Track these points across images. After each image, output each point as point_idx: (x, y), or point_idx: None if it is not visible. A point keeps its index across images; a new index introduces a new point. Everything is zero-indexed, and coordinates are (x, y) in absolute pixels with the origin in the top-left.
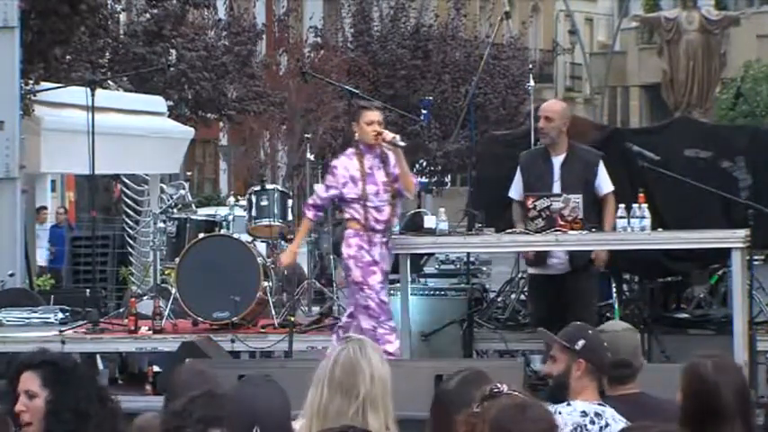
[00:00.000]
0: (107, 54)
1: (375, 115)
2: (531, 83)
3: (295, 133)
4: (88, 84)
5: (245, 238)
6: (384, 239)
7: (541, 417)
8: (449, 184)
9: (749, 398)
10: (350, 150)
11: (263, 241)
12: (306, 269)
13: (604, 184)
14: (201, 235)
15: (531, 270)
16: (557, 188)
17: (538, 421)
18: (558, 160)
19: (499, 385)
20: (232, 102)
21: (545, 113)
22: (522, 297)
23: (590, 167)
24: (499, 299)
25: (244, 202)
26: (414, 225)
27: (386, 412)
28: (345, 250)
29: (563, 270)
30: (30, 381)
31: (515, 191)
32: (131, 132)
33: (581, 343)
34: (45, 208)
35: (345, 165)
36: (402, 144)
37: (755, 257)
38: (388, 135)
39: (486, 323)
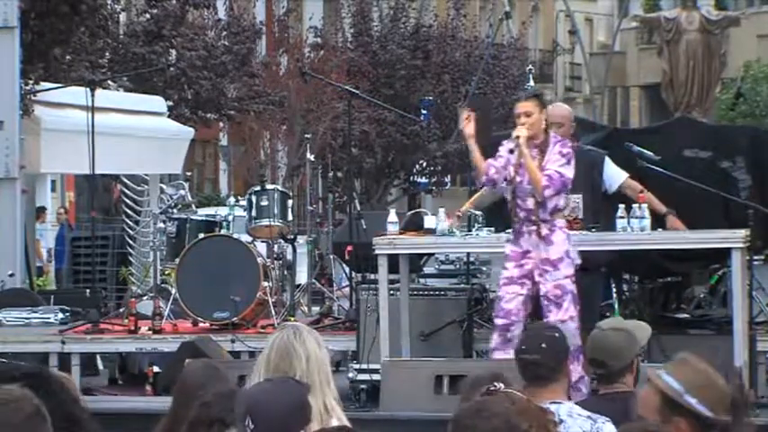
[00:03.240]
0: (107, 54)
1: (519, 107)
2: (531, 83)
3: (295, 133)
4: (88, 84)
5: (245, 238)
6: (533, 228)
7: (497, 413)
8: (449, 184)
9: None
10: None
11: (263, 241)
12: (306, 269)
13: (616, 177)
14: (201, 235)
15: None
16: None
17: (491, 418)
18: None
19: (497, 384)
20: (232, 101)
21: (555, 120)
22: None
23: (595, 167)
24: None
25: (244, 203)
26: (414, 225)
27: (324, 394)
28: None
29: None
30: None
31: None
32: (131, 132)
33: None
34: (45, 208)
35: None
36: (514, 142)
37: (755, 257)
38: (517, 131)
39: (486, 323)
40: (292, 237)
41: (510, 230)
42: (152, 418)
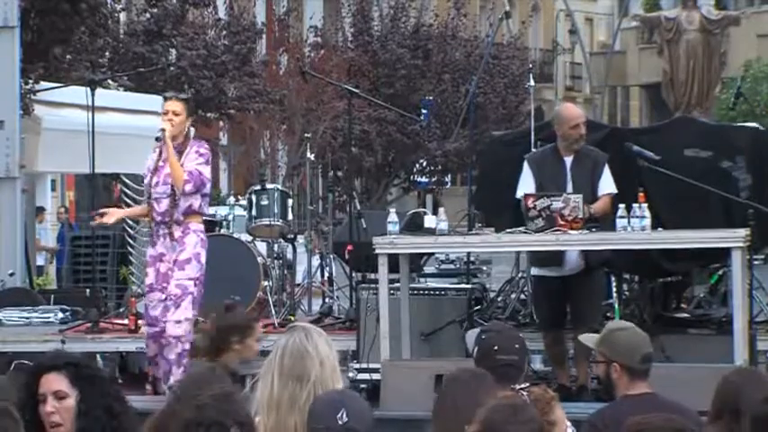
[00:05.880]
0: (107, 53)
1: (168, 104)
2: (531, 82)
3: (295, 133)
4: (88, 83)
5: (246, 237)
6: (167, 231)
7: (531, 418)
8: (449, 183)
9: None
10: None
11: (263, 241)
12: (306, 268)
13: (605, 184)
14: None
15: (536, 271)
16: (569, 188)
17: (528, 422)
18: (569, 160)
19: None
20: (232, 101)
21: (580, 120)
22: (523, 297)
23: (597, 167)
24: (499, 299)
25: (244, 202)
26: (414, 225)
27: None
28: None
29: (571, 271)
30: (57, 381)
31: (526, 190)
32: (132, 132)
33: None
34: (44, 208)
35: (151, 155)
36: (160, 133)
37: (755, 257)
38: (162, 125)
39: (487, 323)
40: (292, 236)
41: (510, 230)
42: None
